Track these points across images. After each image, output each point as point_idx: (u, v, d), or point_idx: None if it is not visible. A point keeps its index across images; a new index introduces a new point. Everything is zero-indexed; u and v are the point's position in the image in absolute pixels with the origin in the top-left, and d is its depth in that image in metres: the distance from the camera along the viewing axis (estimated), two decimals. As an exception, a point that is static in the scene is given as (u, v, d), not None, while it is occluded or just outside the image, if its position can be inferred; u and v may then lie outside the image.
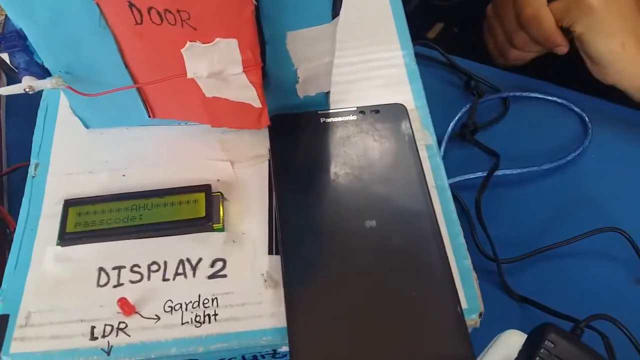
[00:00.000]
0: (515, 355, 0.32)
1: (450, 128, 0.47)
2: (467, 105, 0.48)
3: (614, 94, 0.50)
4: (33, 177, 0.31)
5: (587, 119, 0.48)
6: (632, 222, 0.42)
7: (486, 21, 0.54)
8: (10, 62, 0.27)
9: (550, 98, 0.49)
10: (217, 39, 0.25)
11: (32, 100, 0.49)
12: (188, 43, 0.25)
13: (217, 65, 0.26)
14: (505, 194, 0.45)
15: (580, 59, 0.48)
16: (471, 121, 0.47)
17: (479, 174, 0.45)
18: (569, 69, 0.49)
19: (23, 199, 0.30)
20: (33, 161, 0.32)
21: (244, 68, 0.26)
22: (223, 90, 0.28)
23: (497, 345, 0.36)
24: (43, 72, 0.28)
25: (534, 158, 0.46)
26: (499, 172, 0.45)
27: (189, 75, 0.27)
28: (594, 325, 0.37)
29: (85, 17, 0.25)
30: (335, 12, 0.27)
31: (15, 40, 0.26)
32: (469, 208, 0.43)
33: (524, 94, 0.49)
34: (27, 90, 0.27)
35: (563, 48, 0.47)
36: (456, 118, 0.47)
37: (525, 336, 0.33)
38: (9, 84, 0.50)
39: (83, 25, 0.25)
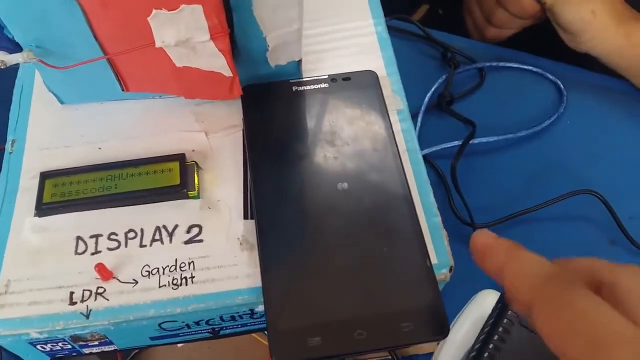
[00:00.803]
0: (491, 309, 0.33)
1: (427, 99, 0.47)
2: (444, 77, 0.49)
3: (589, 62, 0.51)
4: (10, 153, 0.31)
5: (562, 86, 0.49)
6: (606, 185, 0.43)
7: (464, 3, 0.55)
8: (-20, 37, 0.28)
9: (525, 67, 0.50)
10: (182, 6, 0.25)
11: (4, 84, 0.49)
12: (154, 11, 0.26)
13: (184, 33, 0.27)
14: (482, 162, 0.46)
15: (554, 29, 0.49)
16: (447, 92, 0.48)
17: (456, 142, 0.45)
18: (543, 38, 0.49)
19: (0, 174, 0.31)
20: (9, 138, 0.32)
21: (211, 35, 0.27)
22: (192, 59, 0.28)
23: (474, 304, 0.37)
24: (14, 47, 0.28)
25: (510, 126, 0.47)
26: (475, 141, 0.45)
27: (157, 44, 0.27)
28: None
29: (50, -12, 0.25)
30: (299, -23, 0.27)
31: (-16, 14, 0.26)
32: (445, 176, 0.44)
33: (500, 63, 0.50)
34: (-1, 64, 0.27)
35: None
36: (432, 89, 0.48)
37: (499, 294, 0.34)
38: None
39: (49, -4, 0.26)
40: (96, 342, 0.28)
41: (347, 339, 0.25)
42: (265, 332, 0.35)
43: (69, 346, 0.28)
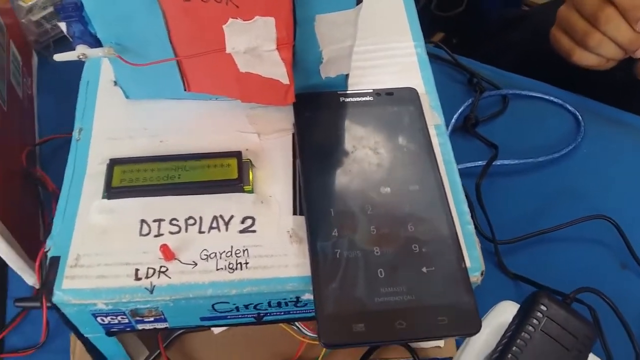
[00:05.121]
0: (510, 320, 0.35)
1: (453, 120, 0.50)
2: (470, 100, 0.52)
3: (606, 96, 0.54)
4: (77, 140, 0.34)
5: (580, 117, 0.52)
6: (619, 211, 0.46)
7: (558, 20, 0.52)
8: (67, 32, 0.30)
9: (546, 97, 0.53)
10: (257, 17, 0.28)
11: (61, 78, 0.52)
12: (230, 20, 0.28)
13: (254, 41, 0.29)
14: (502, 183, 0.48)
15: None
16: (473, 115, 0.51)
17: (479, 162, 0.48)
18: (564, 70, 0.52)
19: (68, 159, 0.33)
20: (77, 126, 0.35)
21: (277, 45, 0.30)
22: (256, 65, 0.31)
23: (493, 314, 0.39)
24: (95, 42, 0.31)
25: (530, 151, 0.50)
26: (497, 162, 0.48)
27: (228, 50, 0.30)
28: (582, 298, 0.40)
29: (139, -7, 0.28)
30: (360, -1, 0.30)
31: (72, 11, 0.29)
32: (469, 193, 0.47)
33: (523, 92, 0.53)
34: (80, 57, 0.30)
35: None
36: (459, 111, 0.51)
37: (518, 306, 0.36)
38: (39, 64, 0.53)
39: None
40: (151, 319, 0.30)
41: (388, 328, 0.27)
42: (297, 323, 0.37)
43: (126, 320, 0.30)
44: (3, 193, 0.36)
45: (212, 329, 0.40)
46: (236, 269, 0.29)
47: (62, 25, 0.30)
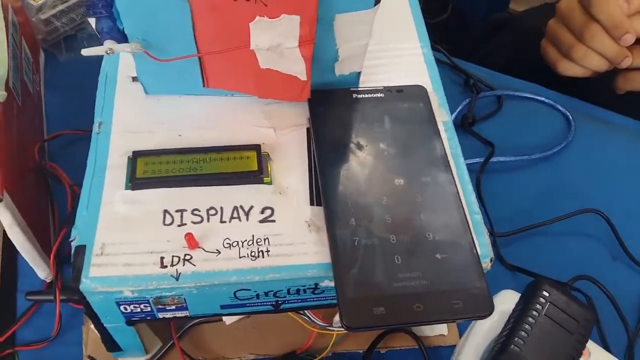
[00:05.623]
0: (512, 308, 0.37)
1: (452, 118, 0.52)
2: (467, 100, 0.54)
3: (594, 97, 0.56)
4: (97, 133, 0.35)
5: (570, 117, 0.54)
6: (609, 206, 0.48)
7: (547, 32, 0.54)
8: (95, 27, 0.31)
9: (538, 98, 0.56)
10: (283, 15, 0.29)
11: (66, 76, 0.53)
12: (257, 17, 0.30)
13: (278, 38, 0.31)
14: (499, 179, 0.50)
15: None
16: (470, 114, 0.53)
17: (477, 159, 0.50)
18: (555, 72, 0.55)
19: (89, 152, 0.34)
20: (97, 120, 0.35)
21: (299, 42, 0.31)
22: (276, 62, 0.33)
23: (495, 302, 0.41)
24: (122, 38, 0.32)
25: (524, 149, 0.52)
26: (494, 159, 0.50)
27: (252, 47, 0.31)
28: (578, 287, 0.42)
29: (169, -10, 0.29)
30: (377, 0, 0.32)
31: (102, 7, 0.30)
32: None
33: (516, 93, 0.55)
34: (108, 52, 0.31)
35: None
36: (457, 110, 0.53)
37: (518, 295, 0.38)
38: (47, 61, 0.53)
39: (166, -4, 0.30)
40: (173, 307, 0.31)
41: (407, 310, 0.28)
42: (308, 313, 0.38)
43: (148, 309, 0.31)
44: (20, 187, 0.36)
45: (224, 319, 0.41)
46: (258, 256, 0.30)
47: (92, 21, 0.30)
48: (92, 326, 0.40)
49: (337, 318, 0.38)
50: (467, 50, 0.77)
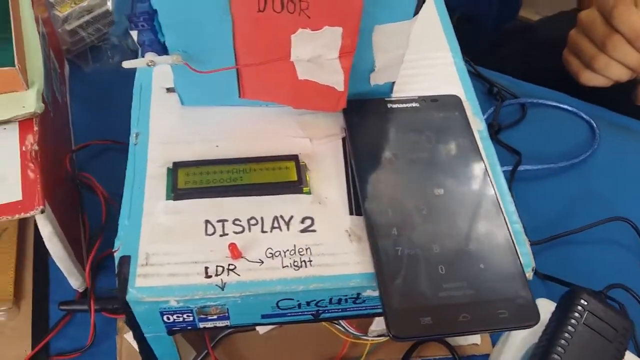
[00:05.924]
0: (548, 316, 0.37)
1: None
2: (492, 109, 0.54)
3: (617, 105, 0.56)
4: (135, 144, 0.35)
5: (594, 125, 0.54)
6: (636, 213, 0.48)
7: (569, 43, 0.55)
8: (137, 40, 0.31)
9: (562, 106, 0.56)
10: (326, 27, 0.30)
11: (91, 87, 0.53)
12: (300, 30, 0.30)
13: (319, 50, 0.31)
14: (526, 187, 0.50)
15: None
16: (495, 122, 0.53)
17: (504, 168, 0.50)
18: (572, 82, 0.55)
19: (128, 162, 0.34)
20: (133, 131, 0.36)
21: (340, 53, 0.31)
22: (316, 73, 0.33)
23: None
24: (162, 50, 0.32)
25: (550, 157, 0.52)
26: (521, 167, 0.50)
27: (292, 58, 0.32)
28: (612, 295, 0.42)
29: (213, 2, 0.30)
30: (417, 10, 0.32)
31: (145, 20, 0.30)
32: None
33: (540, 101, 0.56)
34: (149, 64, 0.31)
35: None
36: (483, 118, 0.53)
37: (553, 304, 0.38)
38: (71, 72, 0.54)
39: (209, 9, 0.30)
40: (215, 317, 0.31)
41: (453, 320, 0.28)
42: (342, 322, 0.38)
43: (191, 318, 0.31)
44: (56, 197, 0.36)
45: (258, 329, 0.41)
46: (301, 266, 0.30)
47: (133, 34, 0.31)
48: (125, 336, 0.40)
49: (372, 327, 0.38)
50: (478, 59, 0.77)
